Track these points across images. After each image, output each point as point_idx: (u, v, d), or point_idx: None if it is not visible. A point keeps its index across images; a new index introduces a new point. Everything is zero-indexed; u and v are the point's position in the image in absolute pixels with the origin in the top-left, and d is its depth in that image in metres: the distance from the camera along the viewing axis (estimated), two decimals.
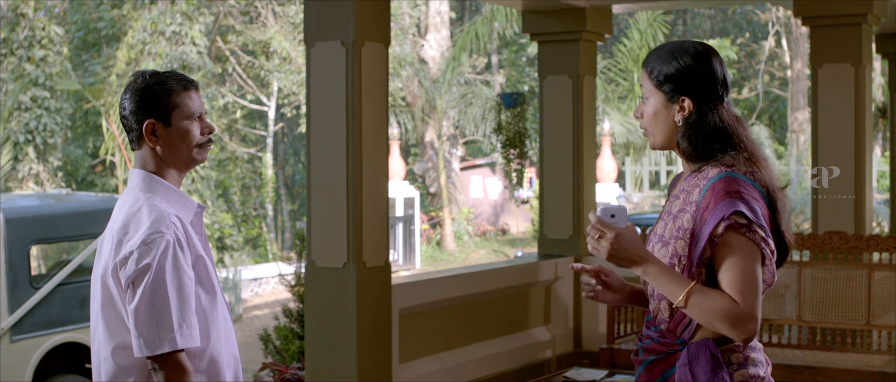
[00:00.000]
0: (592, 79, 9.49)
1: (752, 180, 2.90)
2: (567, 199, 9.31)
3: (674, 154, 24.14)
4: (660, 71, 2.99)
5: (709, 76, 2.98)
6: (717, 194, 2.85)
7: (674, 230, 2.94)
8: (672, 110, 2.99)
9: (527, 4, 9.28)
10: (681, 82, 2.97)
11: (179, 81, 3.16)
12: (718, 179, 2.88)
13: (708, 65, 2.99)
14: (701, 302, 2.81)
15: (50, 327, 10.07)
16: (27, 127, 20.74)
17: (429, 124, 27.40)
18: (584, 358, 9.24)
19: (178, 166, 3.16)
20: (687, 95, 2.97)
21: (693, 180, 2.97)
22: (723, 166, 2.91)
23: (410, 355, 7.62)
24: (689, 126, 2.97)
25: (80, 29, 26.94)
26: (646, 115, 3.04)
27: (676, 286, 2.84)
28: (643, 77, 3.06)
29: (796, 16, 8.56)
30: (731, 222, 2.81)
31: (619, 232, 2.84)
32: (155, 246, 2.96)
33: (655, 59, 3.03)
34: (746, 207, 2.82)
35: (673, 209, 2.99)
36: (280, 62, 25.44)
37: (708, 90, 2.97)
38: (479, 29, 24.53)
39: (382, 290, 7.15)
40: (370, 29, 6.98)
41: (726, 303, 2.79)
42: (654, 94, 3.02)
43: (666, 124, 3.00)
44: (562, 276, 9.18)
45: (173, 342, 2.95)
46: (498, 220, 30.38)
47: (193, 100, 3.16)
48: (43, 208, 10.80)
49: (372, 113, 7.00)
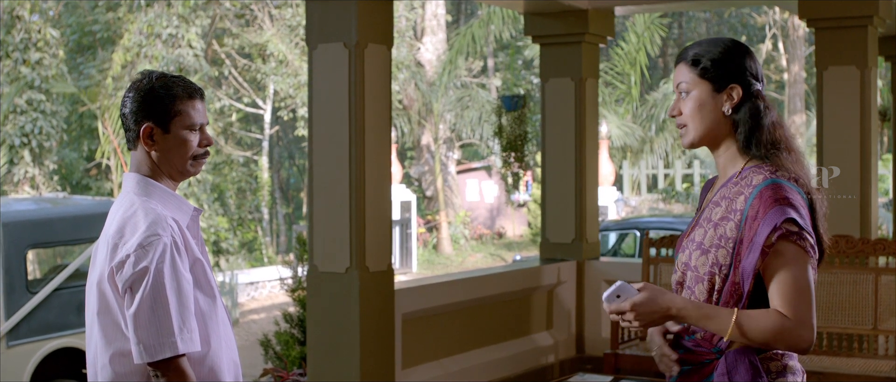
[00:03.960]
0: (595, 81, 9.42)
1: (796, 186, 2.82)
2: (569, 203, 9.23)
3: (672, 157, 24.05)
4: (705, 59, 2.88)
5: (752, 67, 2.90)
6: (765, 203, 2.76)
7: (715, 239, 2.84)
8: (719, 100, 2.88)
9: (528, 6, 9.20)
10: (728, 69, 2.87)
11: (185, 88, 3.09)
12: (765, 186, 2.79)
13: (750, 55, 2.91)
14: (751, 328, 2.74)
15: (47, 332, 9.99)
16: (23, 130, 20.63)
17: (425, 128, 27.34)
18: (586, 363, 9.17)
19: (171, 174, 3.10)
20: (735, 83, 2.87)
21: (734, 187, 2.87)
22: (767, 172, 2.82)
23: (413, 360, 7.55)
24: (745, 113, 2.87)
25: (74, 32, 26.84)
26: (687, 109, 2.92)
27: (720, 320, 2.76)
28: (682, 71, 2.94)
29: (801, 18, 8.49)
30: (783, 231, 2.73)
31: (634, 303, 2.77)
32: (152, 249, 2.90)
33: (697, 49, 2.92)
34: (796, 213, 2.75)
35: (714, 217, 2.88)
36: (276, 65, 25.35)
37: (754, 79, 2.89)
38: (476, 32, 24.48)
39: (385, 295, 7.08)
40: (373, 30, 6.91)
41: (775, 321, 2.72)
42: (697, 85, 2.90)
43: (713, 116, 2.89)
44: (564, 280, 9.10)
45: (174, 347, 2.88)
46: (494, 223, 30.31)
47: (197, 110, 3.10)
48: (40, 211, 10.71)
49: (375, 116, 6.93)
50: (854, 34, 8.21)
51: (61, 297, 10.17)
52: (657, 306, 2.77)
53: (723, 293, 2.82)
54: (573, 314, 9.23)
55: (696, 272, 2.87)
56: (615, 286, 2.80)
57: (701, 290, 2.86)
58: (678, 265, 2.95)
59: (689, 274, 2.90)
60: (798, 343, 2.73)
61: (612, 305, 2.80)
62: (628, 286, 2.79)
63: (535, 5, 9.12)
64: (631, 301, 2.77)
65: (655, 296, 2.78)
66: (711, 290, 2.84)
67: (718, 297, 2.83)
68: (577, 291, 9.24)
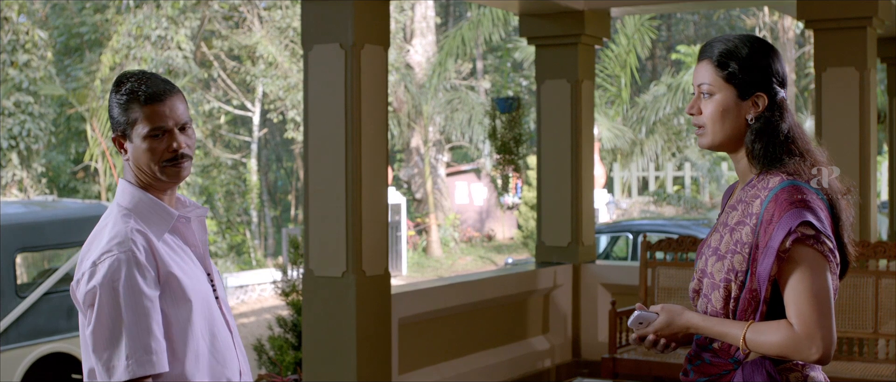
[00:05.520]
0: (591, 83, 9.35)
1: (816, 188, 2.73)
2: (566, 205, 9.16)
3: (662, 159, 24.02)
4: (733, 63, 2.77)
5: (779, 72, 2.80)
6: (781, 205, 2.66)
7: (731, 244, 2.75)
8: (743, 107, 2.78)
9: (524, 8, 9.13)
10: (756, 76, 2.77)
11: (146, 91, 2.89)
12: (781, 188, 2.69)
13: (778, 59, 2.81)
14: (761, 342, 2.67)
15: (36, 337, 9.89)
16: (11, 133, 20.49)
17: (415, 130, 27.27)
18: (583, 368, 9.10)
19: (149, 181, 2.93)
20: (761, 91, 2.77)
21: (751, 190, 2.78)
22: (784, 174, 2.72)
23: (410, 365, 7.47)
24: (762, 125, 2.77)
25: (62, 33, 26.70)
26: (708, 111, 2.81)
27: (733, 336, 2.71)
28: (706, 69, 2.82)
29: (799, 19, 8.44)
30: (799, 235, 2.63)
31: (656, 329, 2.80)
32: (104, 267, 2.77)
33: (723, 47, 2.80)
34: (813, 216, 2.65)
35: (730, 221, 2.79)
36: (266, 67, 25.26)
37: (779, 87, 2.79)
38: (466, 34, 24.40)
39: (382, 299, 6.99)
40: (369, 31, 6.83)
41: (783, 334, 2.64)
42: (721, 89, 2.79)
43: (735, 123, 2.79)
44: (560, 284, 9.03)
45: (131, 369, 2.73)
46: (484, 226, 30.25)
47: (159, 114, 2.88)
48: (29, 215, 10.61)
49: (371, 118, 6.84)
50: (853, 35, 8.16)
51: (51, 301, 10.07)
52: (677, 327, 2.79)
53: (740, 301, 2.74)
54: (569, 317, 9.16)
55: (712, 279, 2.79)
56: (635, 315, 2.84)
57: (717, 297, 2.77)
58: (696, 271, 2.87)
59: (705, 281, 2.82)
60: (807, 356, 2.63)
61: (637, 333, 2.85)
62: (647, 314, 2.84)
63: (530, 6, 9.05)
64: (653, 327, 2.81)
65: (673, 318, 2.79)
66: (728, 297, 2.75)
67: (735, 305, 2.75)
68: (574, 294, 9.17)
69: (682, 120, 26.54)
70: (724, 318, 2.76)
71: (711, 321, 2.75)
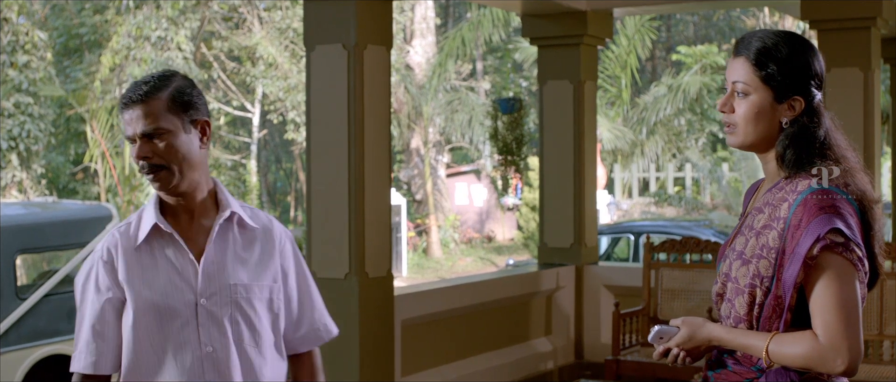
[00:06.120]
0: (593, 84, 9.31)
1: (846, 193, 2.60)
2: (568, 207, 9.12)
3: (663, 160, 23.94)
4: (772, 63, 2.66)
5: (817, 73, 2.68)
6: (809, 211, 2.55)
7: (757, 248, 2.65)
8: (779, 110, 2.67)
9: (526, 8, 9.09)
10: (795, 78, 2.65)
11: (124, 97, 2.85)
12: (810, 192, 2.58)
13: (817, 59, 2.69)
14: (784, 354, 2.58)
15: (37, 339, 9.85)
16: (10, 134, 20.44)
17: (414, 131, 27.24)
18: (585, 370, 9.07)
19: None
20: (798, 94, 2.66)
21: (779, 192, 2.67)
22: (814, 178, 2.62)
23: (413, 367, 7.43)
24: (794, 130, 2.66)
25: (61, 35, 26.68)
26: (741, 111, 2.70)
27: (756, 347, 2.63)
28: (742, 67, 2.69)
29: (803, 19, 8.40)
30: (827, 242, 2.52)
31: (678, 344, 2.75)
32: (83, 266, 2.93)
33: (763, 47, 2.68)
34: (843, 223, 2.53)
35: (756, 225, 2.68)
36: (266, 68, 25.22)
37: (815, 89, 2.68)
38: (466, 35, 24.37)
39: (385, 301, 6.96)
40: (372, 31, 6.79)
41: (807, 345, 2.55)
42: (758, 89, 2.67)
43: (768, 125, 2.68)
44: (563, 286, 8.99)
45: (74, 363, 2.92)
46: (484, 227, 30.22)
47: (126, 121, 2.85)
48: (29, 216, 10.57)
49: (374, 118, 6.81)
50: (857, 36, 8.13)
51: (51, 303, 10.03)
52: (699, 340, 2.72)
53: (765, 307, 2.64)
54: (572, 319, 9.12)
55: (736, 284, 2.69)
56: (655, 330, 2.78)
57: (741, 303, 2.68)
58: (719, 275, 2.78)
59: (729, 286, 2.72)
60: (832, 368, 2.53)
61: (659, 349, 2.78)
62: (668, 328, 2.78)
63: (532, 7, 9.01)
64: (675, 341, 2.75)
65: (695, 331, 2.72)
66: (752, 303, 2.66)
67: (759, 311, 2.65)
68: (576, 296, 9.13)
69: (683, 121, 26.52)
70: (748, 326, 2.68)
71: (734, 333, 2.67)
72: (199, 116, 2.90)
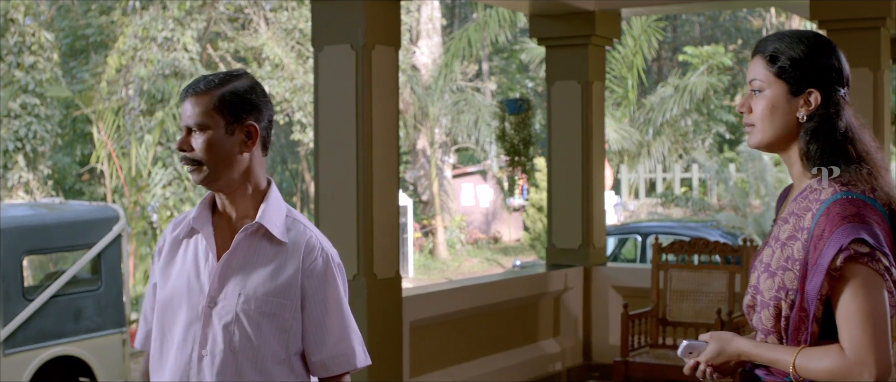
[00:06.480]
0: (601, 84, 9.28)
1: (873, 200, 2.54)
2: (576, 207, 9.09)
3: (669, 161, 23.84)
4: (785, 57, 2.62)
5: (837, 69, 2.64)
6: (832, 220, 2.49)
7: (781, 260, 2.59)
8: (795, 104, 2.62)
9: (534, 8, 9.06)
10: (808, 71, 2.61)
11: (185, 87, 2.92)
12: (833, 201, 2.52)
13: (836, 56, 2.65)
14: (811, 368, 2.52)
15: (43, 340, 9.86)
16: (17, 135, 20.42)
17: (421, 132, 27.21)
18: (594, 371, 9.04)
19: None
20: (814, 87, 2.62)
21: (804, 201, 2.61)
22: (838, 185, 2.55)
23: (421, 368, 7.41)
24: (814, 124, 2.61)
25: (67, 35, 26.66)
26: (758, 109, 2.66)
27: (783, 363, 2.57)
28: (757, 65, 2.67)
29: (812, 19, 8.36)
30: (851, 252, 2.45)
31: (707, 359, 2.70)
32: None
33: (777, 44, 2.66)
34: (867, 232, 2.47)
35: (781, 236, 2.62)
36: (272, 69, 25.20)
37: (836, 84, 2.64)
38: (472, 35, 24.34)
39: (393, 303, 6.93)
40: (380, 32, 6.77)
41: (833, 360, 2.48)
42: (773, 84, 2.64)
43: (785, 120, 2.63)
44: (571, 287, 8.97)
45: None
46: (490, 228, 30.19)
47: (182, 111, 2.92)
48: (36, 217, 10.56)
49: (382, 119, 6.78)
50: (866, 36, 8.09)
51: (58, 304, 10.03)
52: (728, 355, 2.67)
53: (791, 320, 2.58)
54: (580, 320, 9.10)
55: (762, 297, 2.65)
56: (684, 345, 2.75)
57: (767, 316, 2.63)
58: (749, 286, 2.73)
59: (758, 298, 2.67)
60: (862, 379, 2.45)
61: (689, 363, 2.74)
62: (697, 343, 2.74)
63: (541, 7, 8.98)
64: (704, 356, 2.70)
65: (723, 346, 2.67)
66: (778, 316, 2.61)
67: (786, 324, 2.60)
68: (584, 297, 9.11)
69: (689, 121, 26.48)
70: (777, 338, 2.63)
71: (762, 347, 2.62)
72: (249, 119, 2.90)
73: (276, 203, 2.94)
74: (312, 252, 2.91)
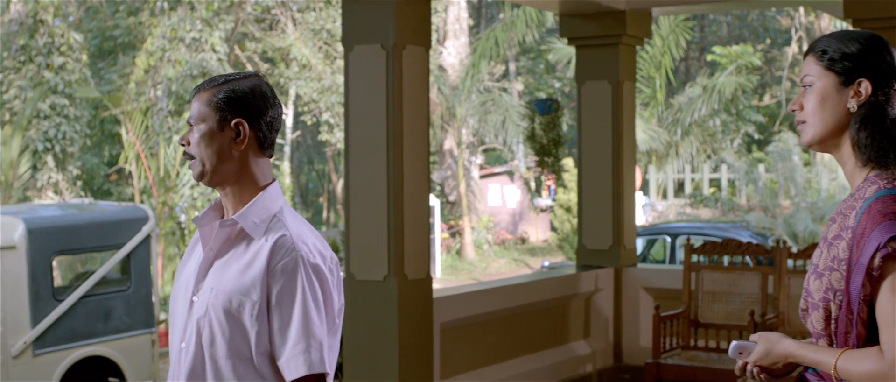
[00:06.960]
0: (632, 84, 9.22)
1: None
2: (607, 208, 9.03)
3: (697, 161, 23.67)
4: (834, 50, 2.60)
5: (888, 62, 2.59)
6: (873, 218, 2.44)
7: (828, 260, 2.54)
8: (845, 95, 2.58)
9: (564, 8, 9.01)
10: (859, 62, 2.58)
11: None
12: (876, 198, 2.47)
13: (888, 50, 2.61)
14: (851, 370, 2.47)
15: (73, 340, 9.87)
16: (46, 135, 20.50)
17: (448, 132, 27.17)
18: (624, 373, 8.98)
19: None
20: (865, 77, 2.57)
21: (850, 199, 2.57)
22: (884, 182, 2.51)
23: (452, 370, 7.37)
24: (866, 112, 2.56)
25: (95, 37, 26.78)
26: (809, 104, 2.63)
27: (826, 364, 2.52)
28: (808, 63, 2.65)
29: (846, 18, 8.27)
30: (889, 250, 2.39)
31: (756, 360, 2.68)
32: None
33: (827, 40, 2.64)
34: None
35: (829, 236, 2.58)
36: (299, 69, 25.21)
37: (887, 76, 2.59)
38: (499, 36, 24.27)
39: (424, 304, 6.90)
40: (411, 32, 6.74)
41: (871, 362, 2.43)
42: (822, 76, 2.60)
43: (835, 111, 2.59)
44: (602, 288, 8.91)
45: None
46: (517, 228, 30.13)
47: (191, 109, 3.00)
48: (65, 218, 10.58)
49: (413, 119, 6.75)
50: None
51: (88, 305, 10.04)
52: (776, 356, 2.65)
53: (839, 322, 2.53)
54: (611, 322, 9.04)
55: (812, 299, 2.60)
56: (734, 345, 2.75)
57: (817, 318, 2.58)
58: (803, 290, 2.69)
59: (809, 300, 2.63)
60: None
61: (739, 363, 2.74)
62: (746, 343, 2.74)
63: (571, 6, 8.93)
64: (753, 357, 2.69)
65: (771, 347, 2.65)
66: (828, 318, 2.56)
67: (836, 326, 2.54)
68: (615, 298, 9.05)
69: (718, 121, 26.32)
70: (827, 340, 2.58)
71: (807, 348, 2.58)
72: (240, 117, 2.89)
73: (263, 203, 2.91)
74: (280, 251, 2.84)
